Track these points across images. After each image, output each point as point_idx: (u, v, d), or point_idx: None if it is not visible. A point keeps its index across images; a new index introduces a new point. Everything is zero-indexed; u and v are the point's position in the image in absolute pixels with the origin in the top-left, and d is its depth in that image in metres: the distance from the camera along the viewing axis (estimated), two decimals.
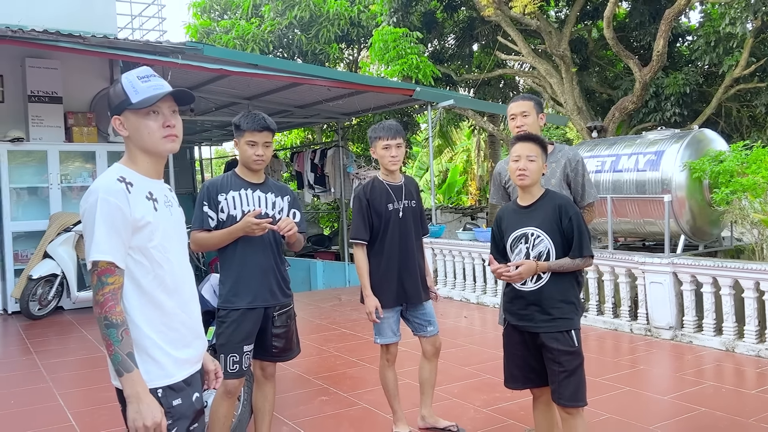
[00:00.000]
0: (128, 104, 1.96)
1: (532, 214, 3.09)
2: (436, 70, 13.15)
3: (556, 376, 2.97)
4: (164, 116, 1.99)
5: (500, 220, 3.22)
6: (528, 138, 3.11)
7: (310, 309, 8.44)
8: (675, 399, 4.58)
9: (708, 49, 12.31)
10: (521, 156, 3.05)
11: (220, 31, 16.38)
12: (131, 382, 1.86)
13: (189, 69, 8.10)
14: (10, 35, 7.21)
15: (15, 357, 6.30)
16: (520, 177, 3.05)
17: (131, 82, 1.98)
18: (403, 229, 3.75)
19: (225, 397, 3.25)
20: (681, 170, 7.01)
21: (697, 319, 6.11)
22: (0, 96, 8.77)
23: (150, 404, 1.87)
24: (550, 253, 3.02)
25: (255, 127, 3.20)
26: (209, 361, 2.25)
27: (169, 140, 2.01)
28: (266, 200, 3.30)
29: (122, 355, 1.86)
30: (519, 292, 3.07)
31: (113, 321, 1.86)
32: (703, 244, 7.47)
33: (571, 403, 2.97)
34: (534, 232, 3.05)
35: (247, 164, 3.28)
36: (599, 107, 15.45)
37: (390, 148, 3.69)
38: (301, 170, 13.38)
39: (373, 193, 3.73)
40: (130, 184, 1.96)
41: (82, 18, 9.58)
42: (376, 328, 3.78)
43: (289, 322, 3.39)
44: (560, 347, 2.96)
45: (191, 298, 2.12)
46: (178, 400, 1.98)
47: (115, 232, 1.89)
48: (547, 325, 2.99)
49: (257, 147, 3.22)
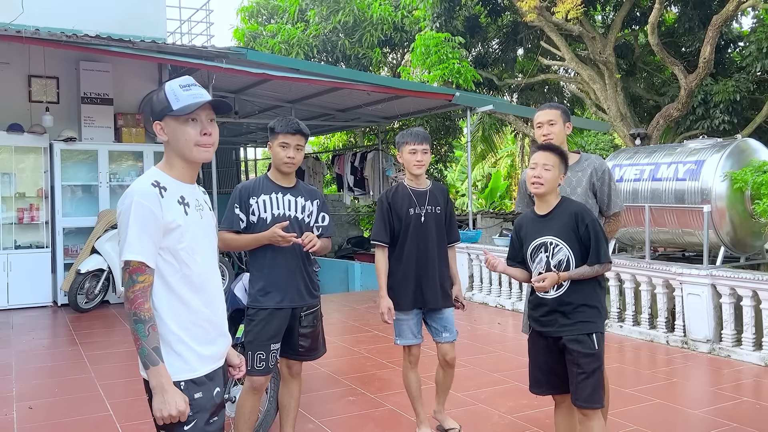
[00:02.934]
0: (169, 111, 2.08)
1: (549, 222, 3.14)
2: (477, 74, 13.14)
3: (575, 377, 3.05)
4: (202, 124, 2.11)
5: (519, 228, 3.27)
6: (548, 147, 3.16)
7: (345, 310, 8.55)
8: (706, 413, 4.50)
9: (760, 55, 11.95)
10: (538, 164, 3.10)
11: (267, 36, 16.71)
12: (157, 375, 1.98)
13: (232, 73, 8.33)
14: (64, 40, 7.56)
15: (62, 347, 6.60)
16: (534, 185, 3.11)
17: (173, 90, 2.10)
18: (424, 234, 3.80)
19: (251, 393, 3.35)
20: (722, 180, 6.85)
21: (736, 333, 5.96)
22: (55, 97, 9.20)
23: (174, 394, 1.99)
24: (569, 261, 3.08)
25: (288, 129, 3.30)
26: (234, 356, 2.36)
27: (203, 149, 2.12)
28: (296, 204, 3.38)
29: (149, 349, 1.98)
30: (542, 299, 3.15)
31: (142, 317, 1.98)
32: (744, 256, 7.28)
33: (588, 405, 3.04)
34: (552, 241, 3.10)
35: (278, 166, 3.36)
36: (646, 114, 15.16)
37: (416, 153, 3.76)
38: (342, 173, 13.55)
39: (395, 197, 3.83)
40: (164, 188, 2.07)
41: (133, 23, 9.95)
42: (396, 329, 3.86)
43: (316, 323, 3.47)
44: (580, 349, 3.03)
45: (216, 296, 2.21)
46: (200, 394, 2.08)
47: (147, 233, 2.01)
48: (569, 328, 3.07)
49: (289, 149, 3.31)
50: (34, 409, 4.63)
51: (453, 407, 4.49)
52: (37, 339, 6.93)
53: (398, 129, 15.28)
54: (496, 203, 22.95)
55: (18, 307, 8.43)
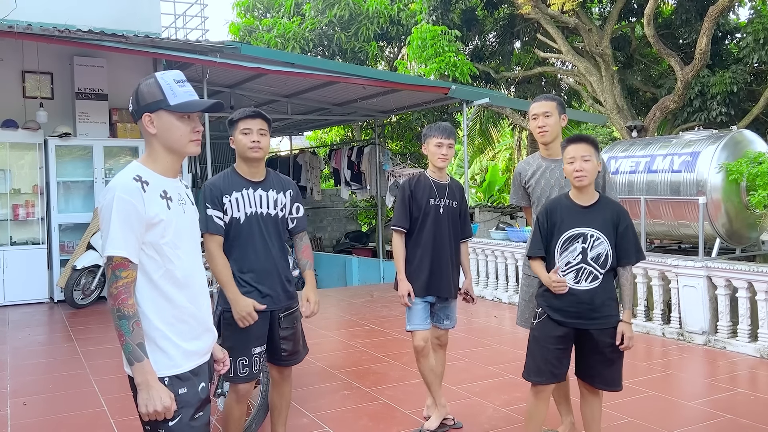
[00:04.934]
0: (165, 105, 2.06)
1: (591, 214, 3.15)
2: (473, 68, 13.10)
3: (598, 364, 3.17)
4: (194, 121, 2.13)
5: (552, 213, 3.22)
6: (580, 139, 3.17)
7: (342, 305, 8.55)
8: (700, 405, 4.50)
9: (757, 46, 11.90)
10: (576, 157, 3.10)
11: (263, 30, 16.65)
12: (141, 371, 1.97)
13: (227, 67, 8.30)
14: (57, 35, 7.54)
15: (57, 343, 6.60)
16: (578, 178, 3.11)
17: (169, 84, 2.08)
18: (441, 225, 3.88)
19: (236, 402, 3.24)
20: (717, 172, 6.84)
21: (732, 325, 5.97)
22: (49, 93, 9.16)
23: (159, 390, 1.98)
24: (608, 256, 3.12)
25: (246, 114, 3.19)
26: (218, 350, 2.36)
27: (195, 144, 2.13)
28: (267, 199, 3.25)
29: (133, 345, 1.96)
30: (572, 290, 3.14)
31: (125, 313, 1.96)
32: (740, 248, 7.27)
33: (609, 388, 3.20)
34: (594, 234, 3.13)
35: (243, 153, 3.20)
36: (643, 106, 15.12)
37: (442, 146, 3.85)
38: (339, 167, 13.52)
39: (417, 186, 3.90)
40: (146, 183, 2.04)
41: (128, 18, 9.92)
42: (408, 315, 3.90)
43: (295, 324, 3.37)
44: (609, 340, 3.13)
45: (201, 292, 2.19)
46: (184, 389, 2.07)
47: (130, 228, 1.98)
48: (599, 321, 3.13)
49: (252, 134, 3.17)
50: (29, 405, 4.63)
51: (448, 400, 4.47)
52: (33, 335, 6.92)
53: (395, 123, 15.27)
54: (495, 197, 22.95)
55: (14, 303, 8.42)
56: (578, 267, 3.13)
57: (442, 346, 4.10)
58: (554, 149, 3.75)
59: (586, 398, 3.29)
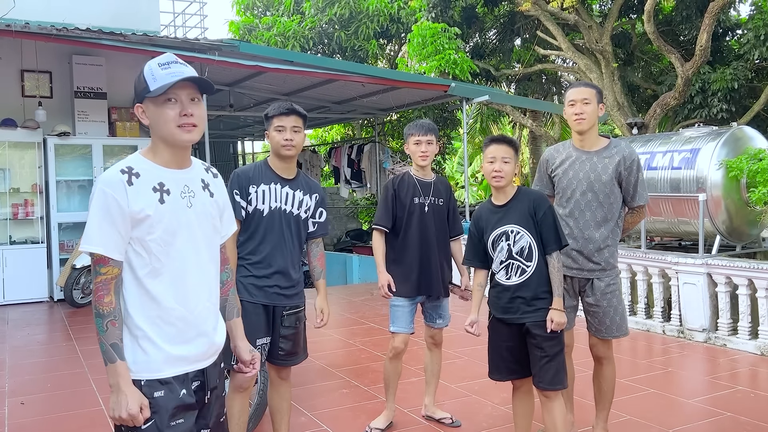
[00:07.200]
0: (147, 92, 1.94)
1: (508, 212, 3.23)
2: (473, 65, 13.08)
3: (538, 361, 3.16)
4: (182, 104, 1.94)
5: (478, 220, 3.35)
6: (502, 140, 3.25)
7: (342, 303, 8.54)
8: (700, 403, 4.48)
9: (758, 42, 11.88)
10: (496, 158, 3.19)
11: (262, 28, 16.63)
12: (113, 373, 1.88)
13: (225, 65, 8.28)
14: (55, 33, 7.53)
15: (57, 342, 6.59)
16: (495, 178, 3.20)
17: (151, 69, 1.95)
18: (427, 224, 3.85)
19: (236, 392, 3.21)
20: (717, 169, 6.82)
21: (732, 322, 5.95)
22: (48, 92, 9.15)
23: (129, 395, 1.87)
24: (531, 247, 3.18)
25: (281, 110, 3.19)
26: (243, 351, 2.27)
27: (184, 130, 1.95)
28: (293, 198, 3.26)
29: (107, 345, 1.87)
30: (504, 285, 3.22)
31: (100, 311, 1.88)
32: (740, 245, 7.25)
33: (551, 387, 3.16)
34: (513, 229, 3.20)
35: (277, 151, 3.22)
36: (644, 103, 15.10)
37: (420, 144, 3.81)
38: (339, 165, 13.51)
39: (401, 185, 3.88)
40: (136, 175, 1.93)
41: (126, 17, 9.92)
42: (392, 315, 3.90)
43: (298, 325, 3.32)
44: (543, 333, 3.13)
45: (197, 293, 2.03)
46: (161, 393, 1.94)
47: (110, 223, 1.89)
48: (532, 314, 3.16)
49: (285, 131, 3.17)
50: (27, 404, 4.62)
51: (446, 399, 4.49)
52: (32, 334, 6.91)
53: (395, 121, 15.25)
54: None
55: (14, 302, 8.42)
56: (507, 263, 3.21)
57: (437, 345, 4.09)
58: (588, 140, 3.52)
59: (544, 404, 3.24)
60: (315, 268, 3.41)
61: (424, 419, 4.14)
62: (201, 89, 2.00)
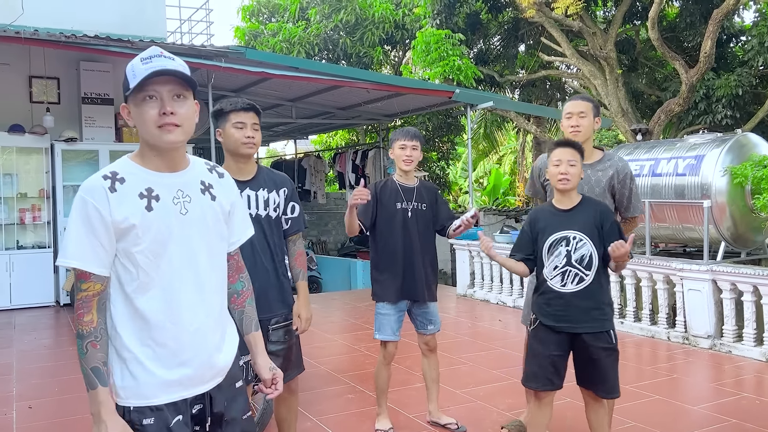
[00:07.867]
0: (126, 90, 1.75)
1: (573, 217, 3.16)
2: (477, 71, 13.12)
3: (597, 372, 3.12)
4: (162, 101, 1.72)
5: (535, 221, 3.27)
6: (568, 144, 3.19)
7: (346, 308, 8.56)
8: (705, 410, 4.49)
9: (762, 49, 11.88)
10: (562, 161, 3.12)
11: (268, 34, 16.71)
12: (94, 400, 1.71)
13: (231, 72, 8.33)
14: (63, 40, 7.59)
15: (63, 347, 6.62)
16: (561, 181, 3.13)
17: (133, 66, 1.76)
18: (410, 229, 3.84)
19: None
20: (722, 175, 6.83)
21: (737, 329, 5.94)
22: (56, 98, 9.23)
23: (111, 425, 1.70)
24: (592, 257, 3.10)
25: (242, 106, 2.92)
26: (264, 369, 2.04)
27: (164, 131, 1.72)
28: (257, 199, 3.00)
29: (87, 370, 1.70)
30: (559, 292, 3.13)
31: (80, 331, 1.71)
32: (745, 251, 7.25)
33: (611, 395, 3.17)
34: (576, 236, 3.12)
35: (236, 149, 2.93)
36: (648, 109, 15.10)
37: (405, 149, 3.81)
38: (343, 171, 13.57)
39: (383, 190, 3.87)
40: (120, 180, 1.74)
41: (134, 23, 9.98)
42: (376, 323, 3.89)
43: (288, 338, 3.09)
44: (603, 345, 3.10)
45: (192, 310, 1.81)
46: (150, 420, 1.76)
47: (91, 234, 1.70)
48: (589, 325, 3.10)
49: (246, 128, 2.90)
50: (34, 409, 4.65)
51: (452, 404, 4.50)
52: (39, 339, 6.95)
53: (399, 127, 15.29)
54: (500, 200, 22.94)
55: (20, 307, 8.46)
56: (564, 270, 3.13)
57: (432, 350, 4.06)
58: None
59: (590, 405, 3.26)
60: (294, 268, 3.18)
61: (429, 425, 4.15)
62: (190, 84, 1.78)
